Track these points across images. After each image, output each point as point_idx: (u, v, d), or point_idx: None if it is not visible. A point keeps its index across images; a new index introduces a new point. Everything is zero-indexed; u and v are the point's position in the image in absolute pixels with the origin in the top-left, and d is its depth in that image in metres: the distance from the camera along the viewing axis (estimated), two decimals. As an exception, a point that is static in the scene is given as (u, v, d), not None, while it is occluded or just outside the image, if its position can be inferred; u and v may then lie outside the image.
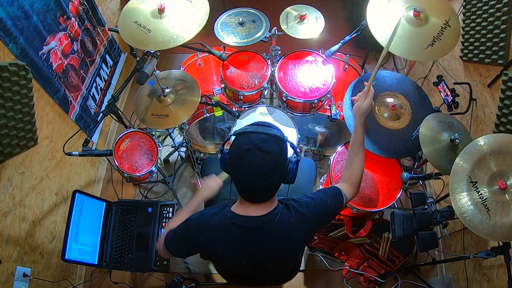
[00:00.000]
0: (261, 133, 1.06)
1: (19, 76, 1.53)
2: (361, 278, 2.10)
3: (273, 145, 1.05)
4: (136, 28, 1.54)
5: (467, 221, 1.26)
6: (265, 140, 1.04)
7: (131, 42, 1.56)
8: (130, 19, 1.57)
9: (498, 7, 1.66)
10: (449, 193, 1.32)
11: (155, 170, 1.86)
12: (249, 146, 1.03)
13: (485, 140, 1.35)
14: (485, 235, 1.25)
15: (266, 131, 1.06)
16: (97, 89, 2.47)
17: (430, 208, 1.64)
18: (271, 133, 1.06)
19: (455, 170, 1.35)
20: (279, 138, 1.08)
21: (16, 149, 1.60)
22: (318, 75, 2.02)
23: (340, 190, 1.26)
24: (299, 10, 1.99)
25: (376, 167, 1.92)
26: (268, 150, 1.03)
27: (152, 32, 1.53)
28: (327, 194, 1.24)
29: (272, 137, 1.06)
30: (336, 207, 1.24)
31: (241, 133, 1.08)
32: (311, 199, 1.21)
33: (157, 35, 1.52)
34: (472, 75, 1.94)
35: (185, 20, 1.55)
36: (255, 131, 1.06)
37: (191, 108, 1.80)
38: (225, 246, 1.19)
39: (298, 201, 1.20)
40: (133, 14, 1.58)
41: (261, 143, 1.03)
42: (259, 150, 1.02)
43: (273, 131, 1.08)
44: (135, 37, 1.54)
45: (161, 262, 1.84)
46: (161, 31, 1.53)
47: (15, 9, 1.63)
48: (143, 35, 1.53)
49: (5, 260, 1.59)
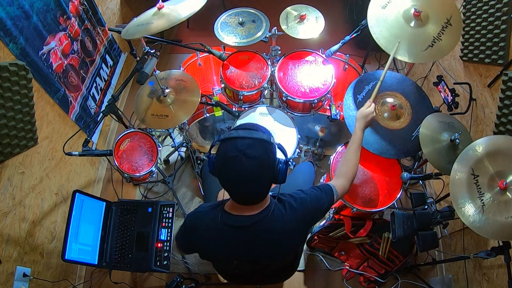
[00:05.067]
0: (246, 138, 1.03)
1: (19, 76, 1.53)
2: (361, 278, 2.10)
3: (259, 149, 1.03)
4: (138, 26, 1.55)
5: (478, 228, 1.26)
6: (251, 145, 1.02)
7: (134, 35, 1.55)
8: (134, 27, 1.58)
9: (498, 7, 1.65)
10: (455, 208, 1.32)
11: (155, 170, 1.86)
12: (235, 153, 1.01)
13: (480, 144, 1.37)
14: (491, 236, 1.25)
15: (251, 135, 1.04)
16: (97, 89, 2.47)
17: (430, 208, 1.64)
18: (257, 137, 1.04)
19: (455, 182, 1.35)
20: (265, 141, 1.05)
21: (16, 149, 1.60)
22: (318, 75, 2.02)
23: (332, 188, 1.28)
24: (299, 10, 1.99)
25: (376, 167, 1.92)
26: (255, 156, 1.01)
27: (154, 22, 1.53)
28: (321, 191, 1.26)
29: (258, 141, 1.04)
30: (327, 204, 1.26)
31: (226, 139, 1.05)
32: (306, 196, 1.22)
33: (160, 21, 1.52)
34: (472, 75, 1.94)
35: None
36: (240, 136, 1.04)
37: (191, 108, 1.80)
38: (216, 246, 1.19)
39: (294, 196, 1.21)
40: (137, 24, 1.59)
41: (247, 149, 1.01)
42: (246, 157, 1.00)
43: (258, 134, 1.05)
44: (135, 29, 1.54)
45: (161, 262, 1.84)
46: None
47: (15, 9, 1.63)
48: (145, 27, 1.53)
49: (5, 260, 1.59)
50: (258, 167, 1.03)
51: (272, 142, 1.08)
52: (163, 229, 1.91)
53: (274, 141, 1.09)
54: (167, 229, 1.91)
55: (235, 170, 1.02)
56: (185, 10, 1.50)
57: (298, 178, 1.84)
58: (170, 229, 1.91)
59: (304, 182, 1.82)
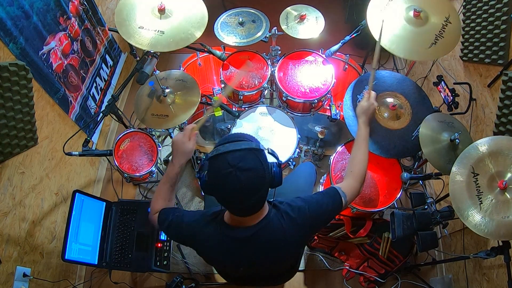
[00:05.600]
0: (235, 150, 0.99)
1: (19, 76, 1.53)
2: (361, 278, 2.10)
3: (251, 159, 1.00)
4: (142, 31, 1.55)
5: (477, 228, 1.26)
6: (242, 157, 0.99)
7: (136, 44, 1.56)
8: (131, 22, 1.57)
9: (498, 7, 1.65)
10: (458, 216, 1.32)
11: (155, 170, 1.86)
12: (228, 170, 0.97)
13: (482, 144, 1.37)
14: (490, 236, 1.25)
15: (240, 146, 1.00)
16: (97, 89, 2.47)
17: (430, 208, 1.64)
18: (246, 148, 1.01)
19: (455, 189, 1.34)
20: (254, 149, 1.02)
21: (16, 149, 1.60)
22: (318, 75, 2.02)
23: (337, 191, 1.21)
24: (299, 10, 1.99)
25: (376, 167, 1.92)
26: (249, 167, 0.98)
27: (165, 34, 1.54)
28: (324, 196, 1.21)
29: (248, 151, 1.01)
30: (334, 208, 1.19)
31: (215, 156, 1.01)
32: (304, 203, 1.17)
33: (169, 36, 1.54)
34: (472, 75, 1.94)
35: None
36: (228, 151, 0.99)
37: (191, 108, 1.80)
38: (220, 254, 1.18)
39: (291, 204, 1.16)
40: (131, 14, 1.59)
41: (239, 162, 0.97)
42: (240, 171, 0.97)
43: (246, 144, 1.02)
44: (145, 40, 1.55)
45: (161, 262, 1.84)
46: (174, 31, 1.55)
47: (15, 9, 1.63)
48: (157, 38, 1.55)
49: (5, 260, 1.59)
50: (254, 178, 1.00)
51: (262, 148, 1.06)
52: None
53: (262, 146, 1.07)
54: (167, 229, 1.91)
55: (231, 186, 0.99)
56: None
57: (299, 178, 1.83)
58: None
59: (305, 182, 1.81)
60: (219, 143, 1.05)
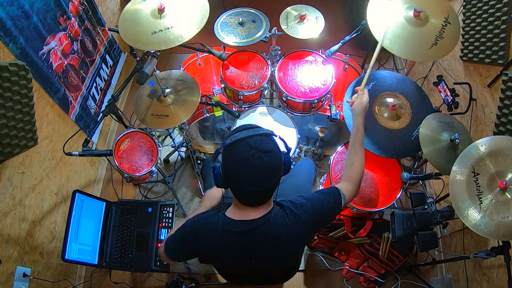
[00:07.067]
0: (255, 135, 1.05)
1: (19, 76, 1.53)
2: (361, 278, 2.10)
3: (270, 143, 1.07)
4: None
5: (477, 228, 1.26)
6: (263, 140, 1.05)
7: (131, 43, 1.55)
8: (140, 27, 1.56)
9: (498, 7, 1.66)
10: (458, 214, 1.32)
11: (155, 170, 1.86)
12: (251, 152, 1.02)
13: (483, 143, 1.37)
14: (490, 236, 1.25)
15: (258, 132, 1.07)
16: (97, 89, 2.47)
17: (430, 208, 1.64)
18: (264, 132, 1.07)
19: (455, 188, 1.34)
20: (270, 134, 1.09)
21: (16, 149, 1.60)
22: (318, 75, 2.02)
23: (339, 190, 1.23)
24: (299, 10, 1.99)
25: (376, 167, 1.92)
26: (270, 149, 1.05)
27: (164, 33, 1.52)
28: (325, 194, 1.23)
29: (265, 136, 1.07)
30: (335, 207, 1.22)
31: (234, 142, 1.04)
32: (307, 201, 1.19)
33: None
34: (472, 75, 1.94)
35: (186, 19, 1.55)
36: (249, 136, 1.04)
37: (191, 108, 1.80)
38: (223, 250, 1.18)
39: (294, 202, 1.19)
40: (136, 18, 1.58)
41: (261, 144, 1.03)
42: (262, 152, 1.02)
43: (262, 130, 1.09)
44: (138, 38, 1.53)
45: (161, 262, 1.84)
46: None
47: (15, 9, 1.63)
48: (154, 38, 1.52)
49: (5, 260, 1.59)
50: (275, 159, 1.06)
51: (275, 135, 1.12)
52: (163, 229, 1.91)
53: (274, 133, 1.12)
54: (167, 229, 1.91)
55: (255, 168, 1.02)
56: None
57: (299, 175, 1.83)
58: (170, 229, 1.91)
59: (305, 179, 1.81)
60: (233, 131, 1.10)
